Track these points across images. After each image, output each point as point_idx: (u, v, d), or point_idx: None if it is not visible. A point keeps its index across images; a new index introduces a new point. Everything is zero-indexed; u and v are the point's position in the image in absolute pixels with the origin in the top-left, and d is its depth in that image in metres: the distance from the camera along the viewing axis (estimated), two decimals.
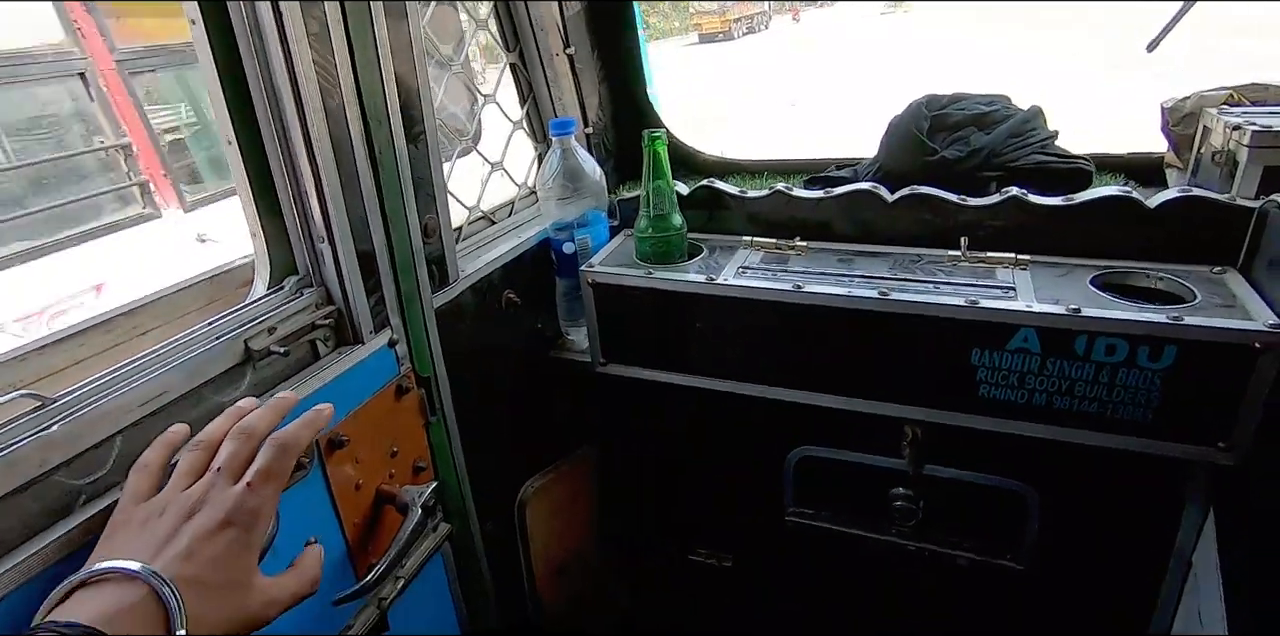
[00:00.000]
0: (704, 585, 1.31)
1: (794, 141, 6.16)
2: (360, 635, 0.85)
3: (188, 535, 0.45)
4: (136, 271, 3.12)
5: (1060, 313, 0.84)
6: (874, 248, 1.08)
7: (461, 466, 1.01)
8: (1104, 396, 0.85)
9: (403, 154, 0.85)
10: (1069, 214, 0.98)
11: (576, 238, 1.13)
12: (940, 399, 0.94)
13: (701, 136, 1.45)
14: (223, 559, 0.45)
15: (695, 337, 1.04)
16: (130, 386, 0.61)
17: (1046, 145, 1.15)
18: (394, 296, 0.87)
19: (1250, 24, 6.43)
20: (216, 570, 0.45)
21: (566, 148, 1.12)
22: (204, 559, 0.45)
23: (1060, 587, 1.03)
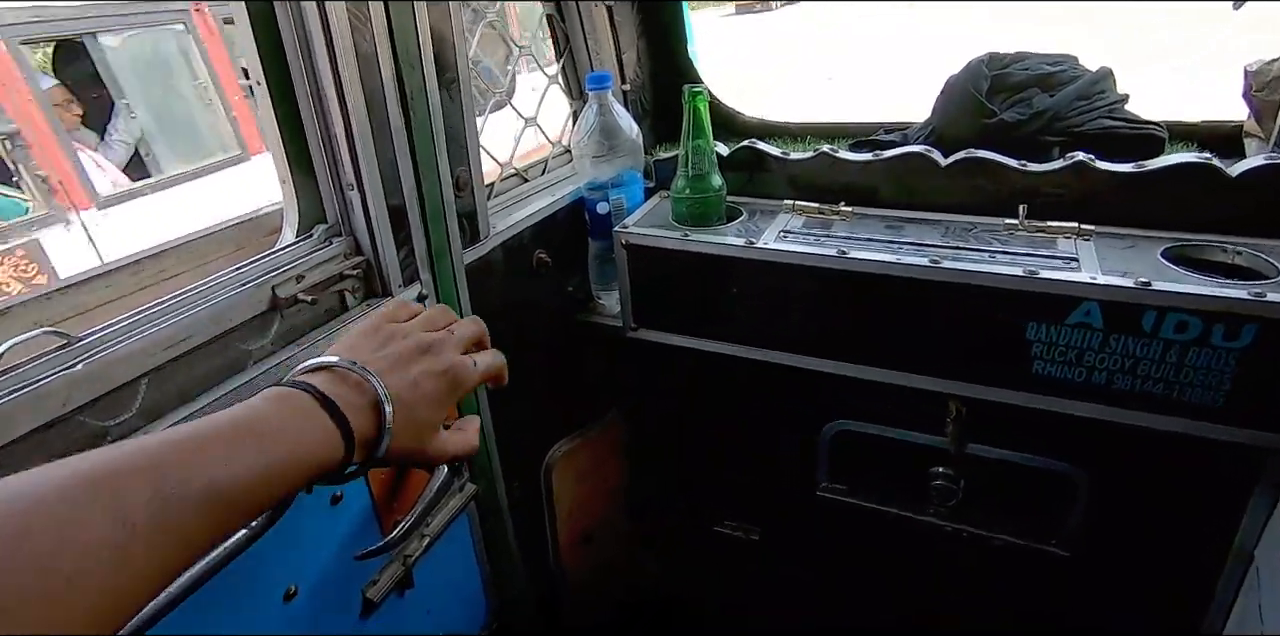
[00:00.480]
0: (731, 557, 1.30)
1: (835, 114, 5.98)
2: (385, 590, 0.84)
3: (419, 367, 0.49)
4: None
5: (1128, 286, 0.78)
6: (924, 215, 1.03)
7: (489, 427, 1.00)
8: (1171, 377, 0.79)
9: (435, 102, 0.82)
10: (1140, 182, 0.91)
11: (611, 198, 1.09)
12: (989, 374, 0.90)
13: (742, 105, 1.39)
14: (433, 399, 0.49)
15: (731, 304, 1.01)
16: (155, 328, 0.60)
17: (1115, 109, 1.08)
18: (424, 250, 0.84)
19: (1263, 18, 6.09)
20: (424, 406, 0.48)
21: (603, 103, 1.07)
22: (421, 392, 0.48)
23: (1106, 577, 0.98)
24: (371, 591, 0.83)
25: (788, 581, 1.29)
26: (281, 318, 0.71)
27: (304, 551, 0.73)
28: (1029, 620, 1.09)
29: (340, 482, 0.46)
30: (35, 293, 0.60)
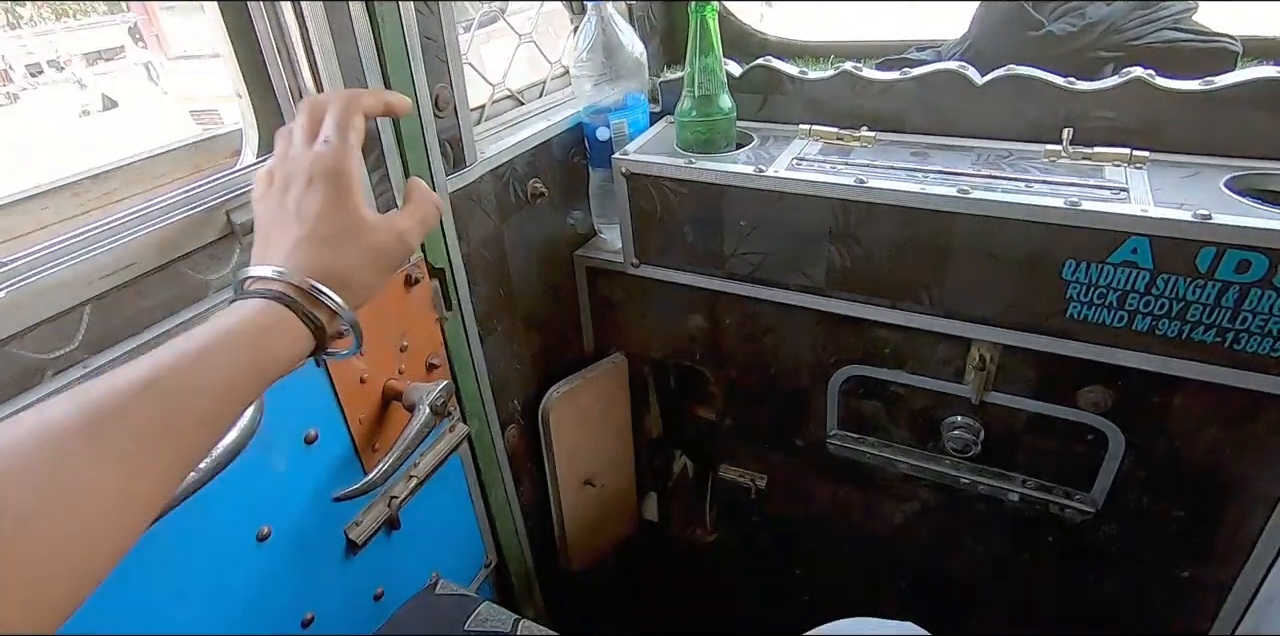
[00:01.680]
0: (735, 503, 1.27)
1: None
2: (369, 531, 0.82)
3: (291, 203, 0.48)
4: None
5: (1184, 219, 0.69)
6: (955, 141, 0.93)
7: (481, 366, 0.95)
8: (1225, 322, 0.71)
9: (409, 9, 0.73)
10: (1205, 101, 0.80)
11: (612, 123, 1.01)
12: (1020, 318, 0.82)
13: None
14: (323, 212, 0.47)
15: (739, 239, 0.93)
16: (94, 252, 0.55)
17: (1181, 20, 0.95)
18: (400, 175, 0.78)
19: None
20: (322, 223, 0.47)
21: (603, 17, 0.97)
22: (308, 217, 0.47)
23: (1135, 536, 0.92)
24: (355, 533, 0.81)
25: (792, 531, 1.26)
26: (241, 246, 0.66)
27: (277, 491, 0.71)
28: (1047, 577, 1.05)
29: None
30: None
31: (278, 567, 0.71)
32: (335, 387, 0.74)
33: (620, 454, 1.26)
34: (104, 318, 0.57)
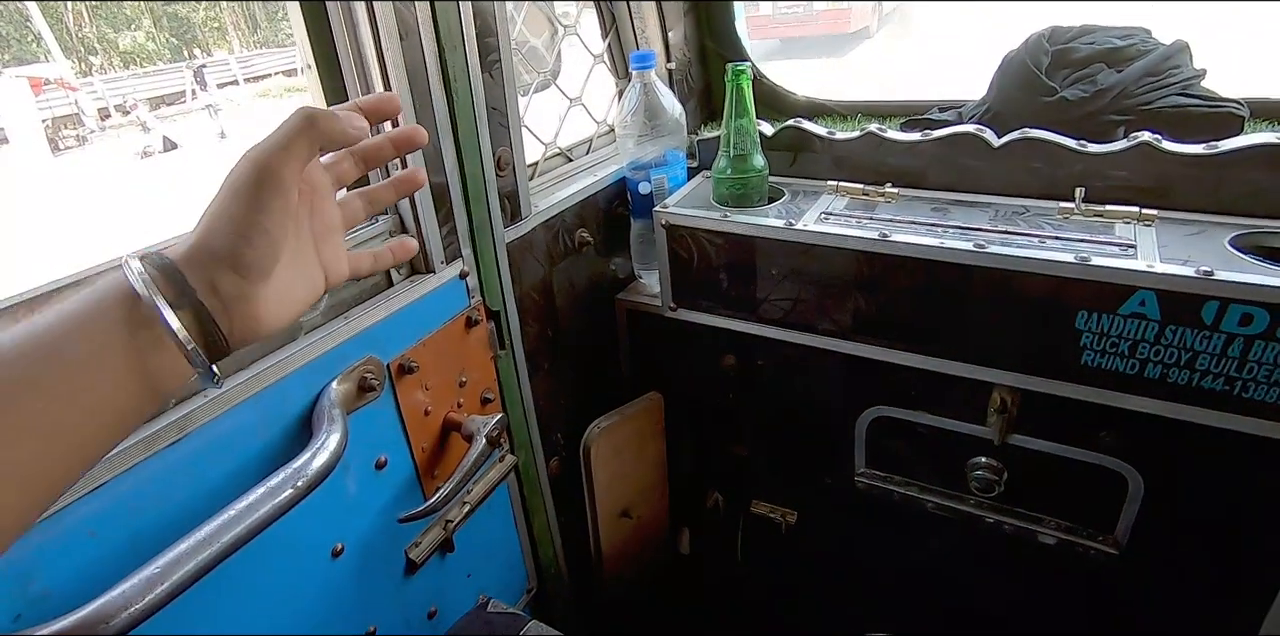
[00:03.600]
0: (766, 539, 1.30)
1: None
2: (427, 552, 0.89)
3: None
4: None
5: (1188, 274, 0.74)
6: (973, 197, 1.00)
7: (529, 401, 1.03)
8: (1232, 372, 0.75)
9: (477, 83, 0.83)
10: (1210, 164, 0.86)
11: (653, 177, 1.10)
12: (1037, 364, 0.87)
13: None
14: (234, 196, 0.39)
15: (770, 286, 1.00)
16: None
17: (1190, 86, 1.01)
18: (466, 228, 0.87)
19: None
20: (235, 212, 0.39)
21: (646, 82, 1.07)
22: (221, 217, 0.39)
23: (1159, 578, 0.94)
24: (414, 553, 0.88)
25: (822, 567, 1.29)
26: (330, 292, 0.75)
27: (350, 512, 0.78)
28: (1072, 618, 1.06)
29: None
30: (104, 265, 0.64)
31: (347, 583, 0.78)
32: (403, 417, 0.82)
33: (655, 487, 1.31)
34: None
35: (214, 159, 9.02)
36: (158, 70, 14.68)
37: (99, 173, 8.77)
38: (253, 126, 10.34)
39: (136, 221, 6.03)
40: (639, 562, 1.34)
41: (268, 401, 0.66)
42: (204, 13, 18.06)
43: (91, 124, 11.05)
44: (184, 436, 0.59)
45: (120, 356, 0.36)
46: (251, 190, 0.38)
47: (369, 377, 0.74)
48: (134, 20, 17.12)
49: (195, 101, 11.96)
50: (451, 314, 0.86)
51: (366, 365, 0.74)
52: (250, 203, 0.38)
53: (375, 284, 0.80)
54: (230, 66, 14.99)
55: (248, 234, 0.38)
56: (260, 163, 0.39)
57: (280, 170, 0.39)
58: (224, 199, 0.39)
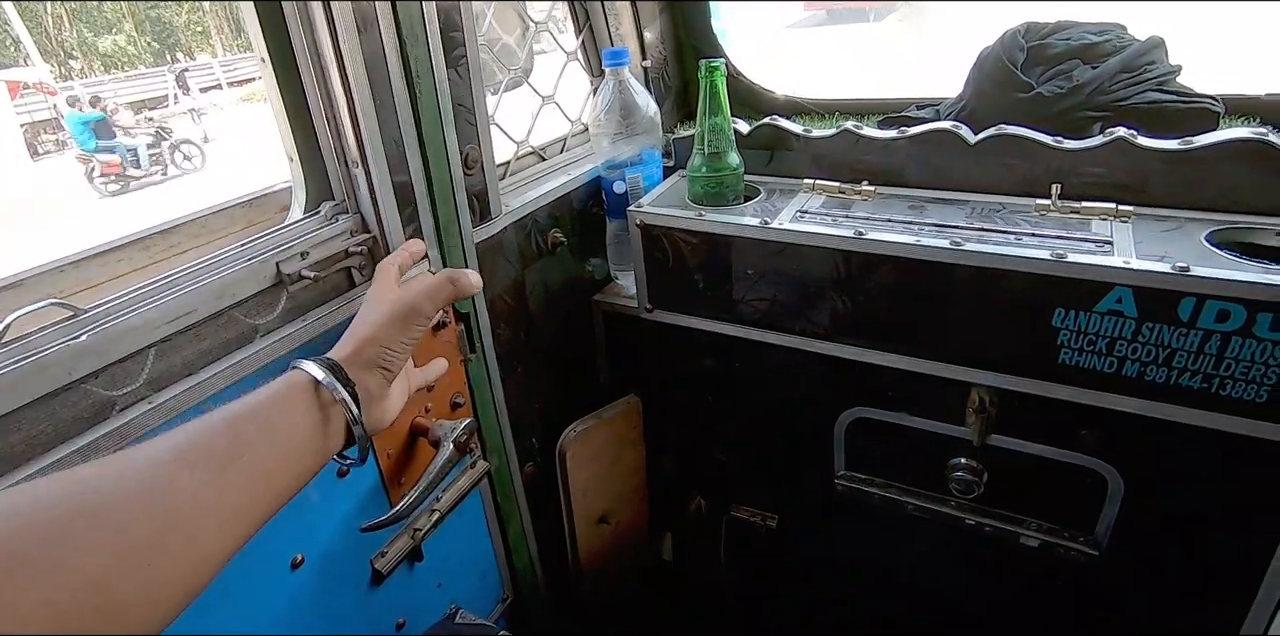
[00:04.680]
0: (746, 543, 1.28)
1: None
2: (394, 562, 0.86)
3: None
4: None
5: (1164, 271, 0.73)
6: (951, 194, 0.98)
7: (501, 405, 1.00)
8: (1209, 369, 0.74)
9: (442, 79, 0.81)
10: (1186, 159, 0.85)
11: (628, 177, 1.08)
12: (1015, 363, 0.86)
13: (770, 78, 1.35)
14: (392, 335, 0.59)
15: (747, 286, 0.98)
16: (161, 301, 0.62)
17: (1165, 82, 1.00)
18: (432, 228, 0.84)
19: None
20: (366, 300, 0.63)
21: (620, 80, 1.05)
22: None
23: (1139, 578, 0.93)
24: (380, 563, 0.85)
25: (804, 571, 1.27)
26: (288, 293, 0.72)
27: (311, 521, 0.75)
28: (1054, 620, 1.05)
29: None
30: (46, 266, 0.62)
31: (308, 595, 0.75)
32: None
33: (634, 492, 1.29)
34: (167, 358, 0.63)
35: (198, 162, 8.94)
36: (139, 74, 14.55)
37: (78, 178, 8.66)
38: (236, 130, 10.27)
39: (113, 223, 5.96)
40: (618, 569, 1.31)
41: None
42: (186, 16, 17.92)
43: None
44: (124, 446, 0.57)
45: (308, 426, 0.50)
46: (401, 322, 0.58)
47: None
48: (115, 24, 16.95)
49: (178, 105, 11.86)
50: None
51: None
52: (399, 330, 0.57)
53: (336, 286, 0.78)
54: (214, 70, 14.88)
55: (394, 351, 0.57)
56: (414, 305, 0.58)
57: (426, 311, 0.59)
58: (379, 324, 0.57)
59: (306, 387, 0.51)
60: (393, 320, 0.58)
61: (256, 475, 0.45)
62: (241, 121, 11.38)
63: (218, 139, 10.16)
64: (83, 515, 0.36)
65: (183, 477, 0.41)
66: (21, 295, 0.60)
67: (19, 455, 0.54)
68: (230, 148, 9.44)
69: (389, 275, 0.65)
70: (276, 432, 0.48)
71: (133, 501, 0.38)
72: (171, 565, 0.38)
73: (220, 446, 0.44)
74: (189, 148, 9.16)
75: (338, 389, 0.52)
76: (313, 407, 0.51)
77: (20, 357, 0.53)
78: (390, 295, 0.61)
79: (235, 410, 0.48)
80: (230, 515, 0.43)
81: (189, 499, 0.40)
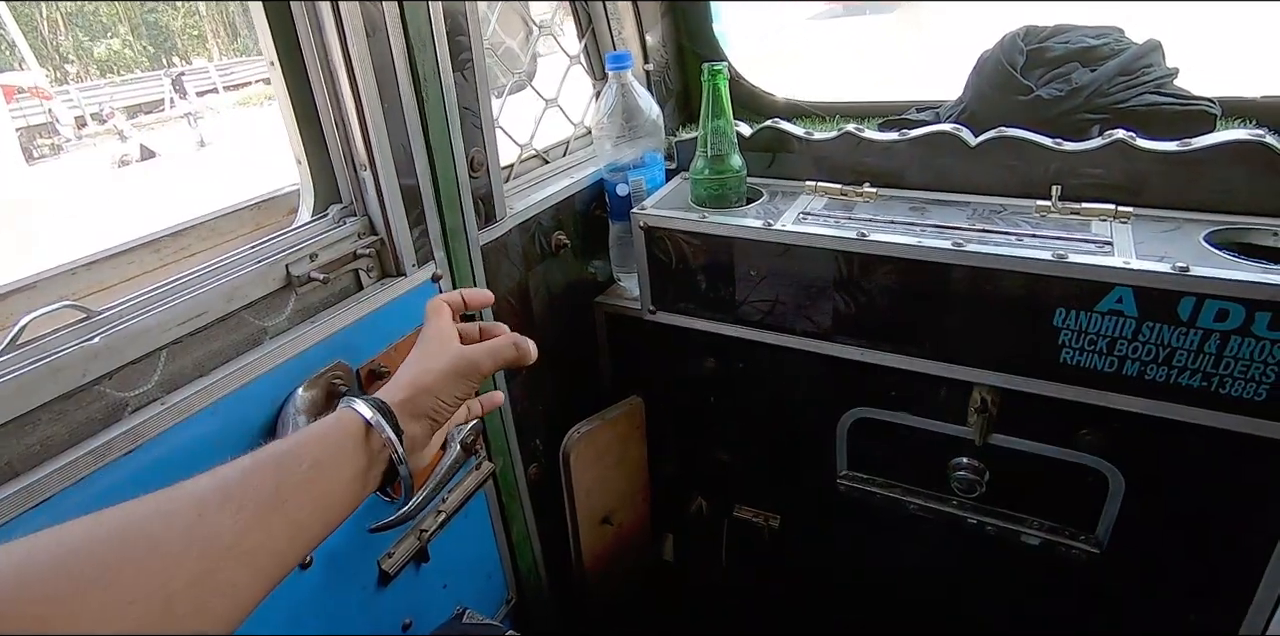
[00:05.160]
0: (749, 543, 1.29)
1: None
2: (401, 563, 0.87)
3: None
4: None
5: (1164, 271, 0.74)
6: (951, 196, 0.99)
7: (506, 407, 1.01)
8: (1209, 368, 0.75)
9: (449, 83, 0.82)
10: (1185, 161, 0.86)
11: (630, 179, 1.08)
12: (1016, 363, 0.86)
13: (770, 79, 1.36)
14: (446, 387, 0.58)
15: (749, 287, 0.99)
16: (172, 304, 0.62)
17: (1163, 84, 1.01)
18: (438, 230, 0.85)
19: None
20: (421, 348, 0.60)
21: (623, 83, 1.06)
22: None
23: (1140, 577, 0.94)
24: (387, 564, 0.85)
25: (806, 571, 1.28)
26: (296, 295, 0.73)
27: None
28: (1055, 619, 1.05)
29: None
30: (60, 268, 0.62)
31: (316, 595, 0.76)
32: None
33: (637, 493, 1.29)
34: (178, 359, 0.63)
35: (192, 167, 8.93)
36: (135, 78, 14.53)
37: (74, 181, 8.64)
38: (233, 134, 10.26)
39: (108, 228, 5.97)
40: (621, 570, 1.32)
41: (229, 409, 0.64)
42: (183, 20, 17.92)
43: (67, 133, 10.90)
44: (138, 446, 0.57)
45: (353, 471, 0.50)
46: (459, 377, 0.58)
47: (337, 383, 0.72)
48: (110, 28, 16.94)
49: (174, 110, 11.84)
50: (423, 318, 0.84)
51: (334, 370, 0.72)
52: (455, 384, 0.57)
53: (344, 288, 0.78)
54: (210, 74, 14.86)
55: (446, 404, 0.57)
56: (475, 362, 0.58)
57: (485, 370, 0.59)
58: (438, 375, 0.57)
59: (357, 432, 0.51)
60: (453, 374, 0.57)
61: (299, 520, 0.45)
62: (239, 125, 11.38)
63: (213, 143, 10.14)
64: (131, 560, 0.36)
65: (227, 521, 0.41)
66: (34, 298, 0.61)
67: (34, 456, 0.54)
68: (228, 153, 9.44)
69: (445, 316, 0.63)
70: (323, 477, 0.47)
71: (176, 544, 0.38)
72: (209, 611, 0.38)
73: (266, 489, 0.44)
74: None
75: (387, 434, 0.52)
76: (360, 453, 0.51)
77: (35, 359, 0.53)
78: (452, 347, 0.60)
79: (283, 449, 0.47)
80: (269, 560, 0.42)
81: (232, 543, 0.40)
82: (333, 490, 0.48)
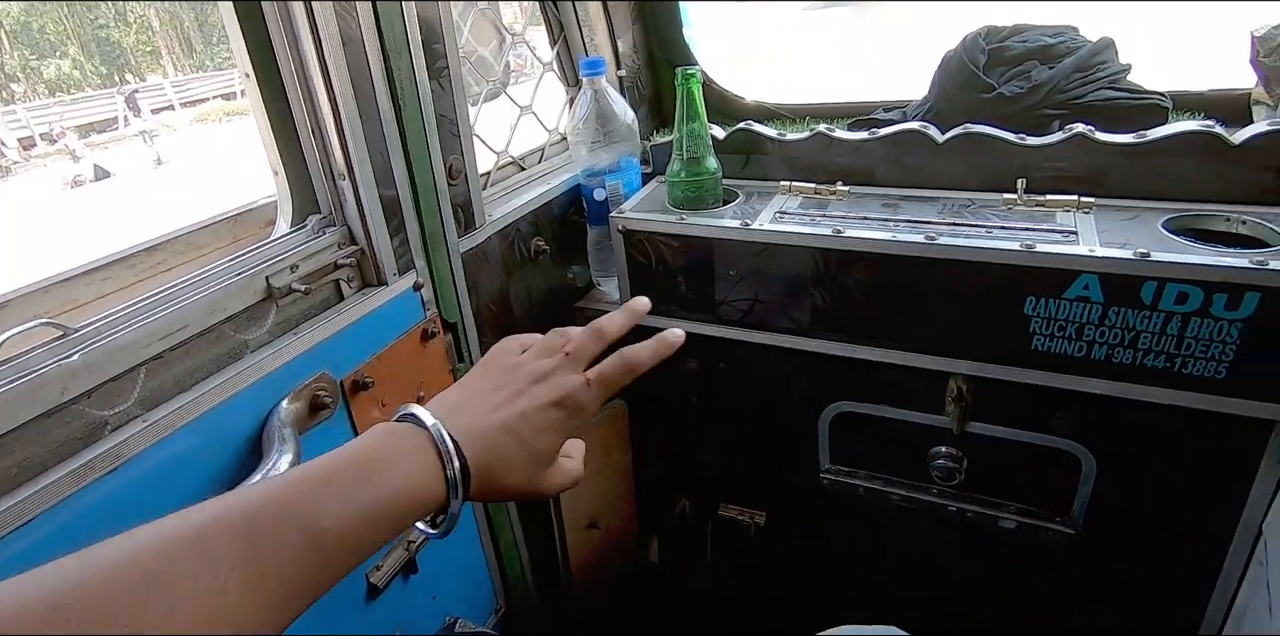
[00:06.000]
0: (735, 541, 1.30)
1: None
2: (389, 575, 0.86)
3: (526, 399, 0.47)
4: None
5: (1126, 257, 0.77)
6: (921, 192, 1.02)
7: None
8: (1172, 349, 0.78)
9: (425, 91, 0.82)
10: (1141, 152, 0.89)
11: (607, 184, 1.09)
12: (990, 351, 0.89)
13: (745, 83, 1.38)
14: (543, 431, 0.46)
15: (729, 287, 1.00)
16: (151, 319, 0.61)
17: (1117, 80, 1.06)
18: (418, 239, 0.85)
19: None
20: (534, 438, 0.45)
21: (597, 89, 1.07)
22: (531, 425, 0.46)
23: (1114, 554, 0.97)
24: (375, 577, 0.84)
25: (792, 567, 1.29)
26: (277, 307, 0.72)
27: None
28: (1038, 602, 1.08)
29: (447, 526, 0.43)
30: (34, 285, 0.61)
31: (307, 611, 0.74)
32: (358, 434, 0.79)
33: (622, 496, 1.30)
34: (158, 375, 0.62)
35: (150, 186, 8.72)
36: (87, 97, 14.17)
37: (19, 204, 8.38)
38: (192, 151, 10.05)
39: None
40: (609, 574, 1.31)
41: (212, 424, 0.63)
42: (135, 36, 17.53)
43: (13, 154, 10.58)
44: (120, 465, 0.56)
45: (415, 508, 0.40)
46: (563, 421, 0.46)
47: (321, 395, 0.71)
48: (59, 46, 16.50)
49: (129, 128, 11.56)
50: (406, 327, 0.83)
51: (319, 382, 0.72)
52: (556, 436, 0.46)
53: (325, 299, 0.78)
54: (165, 91, 14.55)
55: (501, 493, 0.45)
56: (581, 404, 0.47)
57: (591, 411, 0.47)
58: (534, 438, 0.45)
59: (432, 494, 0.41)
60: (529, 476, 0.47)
61: (287, 567, 0.36)
62: (198, 142, 11.16)
63: (171, 161, 9.92)
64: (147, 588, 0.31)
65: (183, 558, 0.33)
66: (5, 316, 0.59)
67: (13, 479, 0.53)
68: (187, 170, 9.24)
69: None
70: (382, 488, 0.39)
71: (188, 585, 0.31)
72: None
73: (238, 528, 0.34)
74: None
75: (452, 502, 0.42)
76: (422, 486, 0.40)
77: (13, 379, 0.52)
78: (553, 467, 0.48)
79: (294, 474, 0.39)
80: (238, 614, 0.34)
81: (188, 583, 0.32)
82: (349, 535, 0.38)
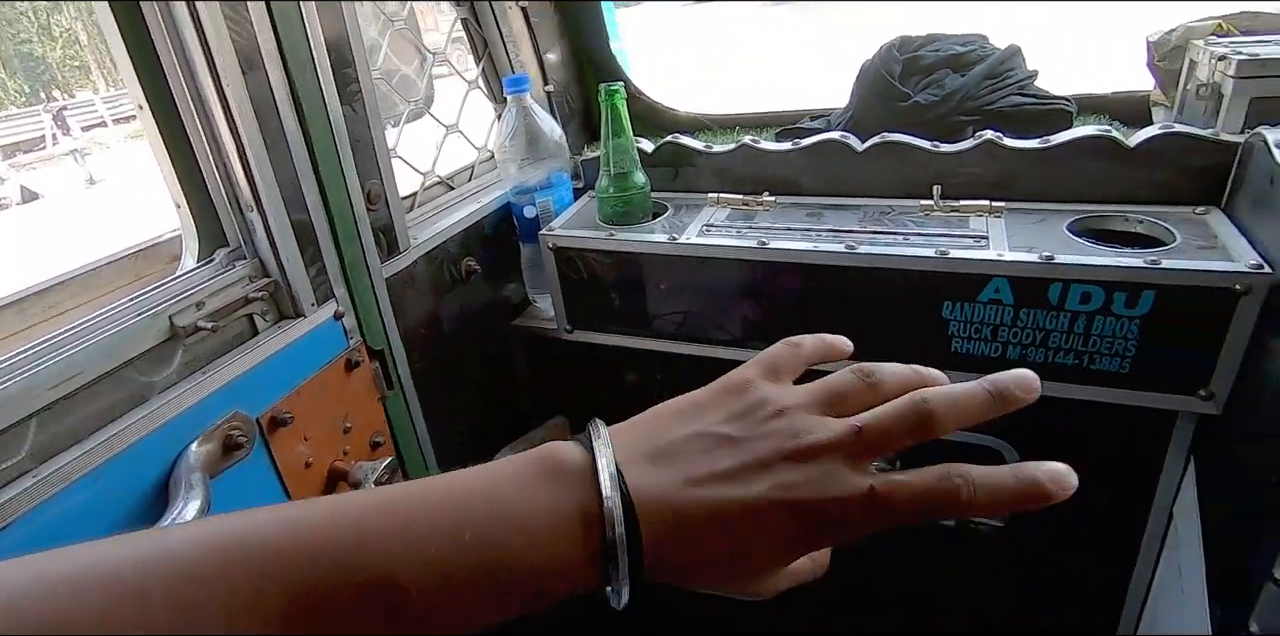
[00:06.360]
0: None
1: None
2: None
3: (771, 483, 0.31)
4: None
5: (1032, 260, 0.80)
6: (844, 200, 1.04)
7: (425, 439, 0.99)
8: (1079, 347, 0.81)
9: (336, 115, 0.80)
10: (1045, 157, 0.93)
11: (538, 201, 1.09)
12: (914, 355, 0.90)
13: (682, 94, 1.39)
14: (781, 538, 0.32)
15: (661, 301, 1.01)
16: (41, 365, 0.58)
17: (1025, 86, 1.10)
18: (337, 267, 0.83)
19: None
20: (761, 542, 0.31)
21: (522, 106, 1.06)
22: (764, 525, 0.31)
23: (1040, 544, 1.01)
24: None
25: None
26: (184, 347, 0.70)
27: None
28: (966, 596, 1.11)
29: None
30: None
31: None
32: (280, 473, 0.77)
33: None
34: (51, 426, 0.59)
35: (82, 207, 8.36)
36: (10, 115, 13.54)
37: None
38: (126, 170, 9.69)
39: None
40: None
41: (114, 474, 0.60)
42: (61, 50, 16.82)
43: None
44: (10, 523, 0.53)
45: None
46: (806, 541, 0.32)
47: (235, 435, 0.69)
48: None
49: (58, 146, 11.08)
50: (328, 358, 0.81)
51: (232, 422, 0.69)
52: (786, 551, 0.32)
53: (238, 334, 0.75)
54: (97, 107, 13.99)
55: (749, 573, 0.32)
56: (830, 520, 0.31)
57: (846, 533, 0.31)
58: (759, 541, 0.31)
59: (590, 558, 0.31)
60: (793, 539, 0.33)
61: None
62: (132, 160, 10.75)
63: (105, 180, 9.54)
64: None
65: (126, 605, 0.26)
66: None
67: None
68: (121, 189, 8.89)
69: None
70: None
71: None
72: None
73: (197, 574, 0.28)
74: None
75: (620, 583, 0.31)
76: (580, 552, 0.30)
77: None
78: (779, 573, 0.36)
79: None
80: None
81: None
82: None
